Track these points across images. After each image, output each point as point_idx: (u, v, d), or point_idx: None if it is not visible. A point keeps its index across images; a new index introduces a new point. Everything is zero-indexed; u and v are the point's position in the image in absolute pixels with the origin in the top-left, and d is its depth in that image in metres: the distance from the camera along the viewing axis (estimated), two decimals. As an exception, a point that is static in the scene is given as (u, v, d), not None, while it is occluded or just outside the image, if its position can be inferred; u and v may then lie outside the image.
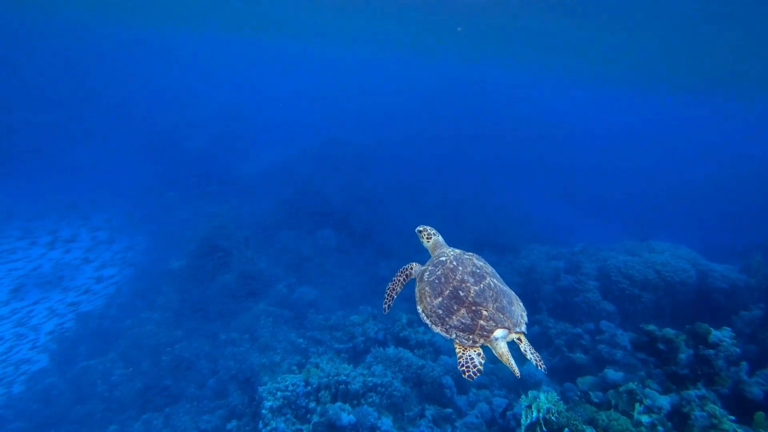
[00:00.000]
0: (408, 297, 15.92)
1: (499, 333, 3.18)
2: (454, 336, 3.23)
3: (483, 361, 3.14)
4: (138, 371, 11.32)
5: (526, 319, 3.43)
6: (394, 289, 3.98)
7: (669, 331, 7.56)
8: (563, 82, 58.57)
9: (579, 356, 11.25)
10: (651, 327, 7.76)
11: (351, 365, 10.18)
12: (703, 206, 28.70)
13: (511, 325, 3.23)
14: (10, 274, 18.52)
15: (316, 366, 9.48)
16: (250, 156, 29.96)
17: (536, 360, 3.32)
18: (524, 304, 3.44)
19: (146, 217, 22.57)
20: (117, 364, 11.48)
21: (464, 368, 3.13)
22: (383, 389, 9.20)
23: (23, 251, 19.81)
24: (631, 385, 6.89)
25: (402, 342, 11.23)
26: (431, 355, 11.21)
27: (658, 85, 43.83)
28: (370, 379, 9.16)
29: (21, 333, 15.36)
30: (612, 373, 8.36)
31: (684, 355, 7.16)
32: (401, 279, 3.99)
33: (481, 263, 3.66)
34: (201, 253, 14.39)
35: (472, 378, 3.08)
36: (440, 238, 4.20)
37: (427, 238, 4.19)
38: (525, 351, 3.33)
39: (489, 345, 3.22)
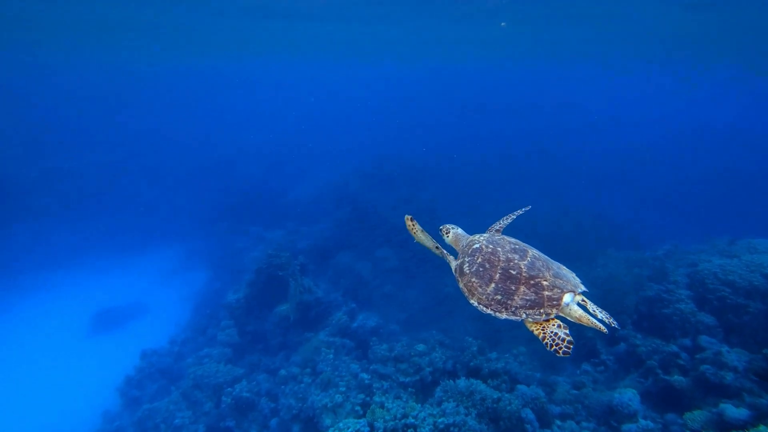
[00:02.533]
0: (477, 317, 15.00)
1: (567, 297, 3.08)
2: (524, 316, 3.09)
3: (568, 332, 2.97)
4: (200, 412, 11.05)
5: (579, 279, 3.32)
6: (421, 235, 3.97)
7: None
8: (627, 69, 55.50)
9: (678, 379, 9.79)
10: (780, 353, 6.40)
11: (419, 402, 9.35)
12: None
13: (573, 287, 3.13)
14: (80, 313, 19.20)
15: (382, 406, 8.73)
16: (302, 178, 30.03)
17: (607, 317, 3.09)
18: None
19: (204, 249, 22.88)
20: (179, 405, 11.26)
21: (555, 347, 2.94)
22: (456, 430, 8.29)
23: (90, 290, 20.57)
24: (764, 429, 5.61)
25: (473, 372, 10.26)
26: (507, 385, 10.16)
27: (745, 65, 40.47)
28: (441, 419, 8.27)
29: (92, 372, 15.76)
30: (732, 410, 7.01)
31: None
32: (434, 246, 3.88)
33: (515, 239, 3.61)
34: (257, 283, 14.10)
35: (568, 353, 2.88)
36: (459, 230, 4.13)
37: (446, 234, 4.13)
38: (594, 311, 3.12)
39: (562, 314, 3.11)
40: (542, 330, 3.06)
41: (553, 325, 3.06)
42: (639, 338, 11.73)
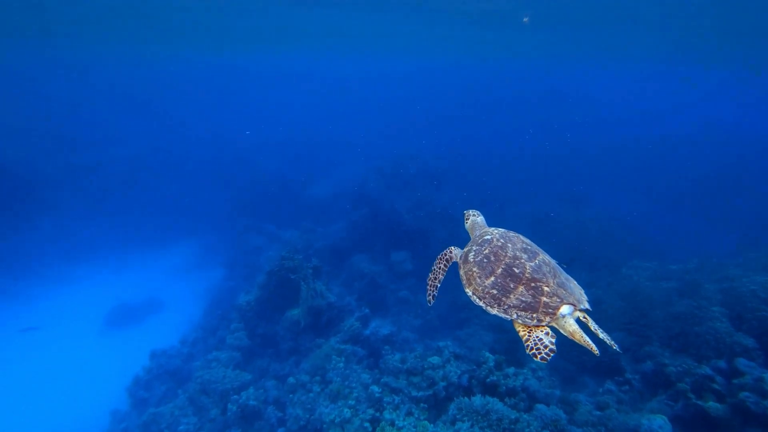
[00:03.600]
0: (494, 326, 14.43)
1: (565, 309, 2.97)
2: (514, 316, 3.01)
3: (554, 340, 2.88)
4: (206, 419, 10.75)
5: (586, 296, 3.18)
6: (436, 278, 3.90)
7: None
8: (652, 68, 53.73)
9: (713, 405, 9.07)
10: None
11: (431, 419, 8.86)
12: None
13: (575, 301, 3.01)
14: (98, 307, 19.22)
15: (392, 424, 8.27)
16: (321, 175, 29.73)
17: (608, 339, 2.96)
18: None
19: (221, 246, 22.76)
20: (185, 411, 10.97)
21: (534, 351, 2.87)
22: (471, 453, 7.79)
23: (109, 284, 20.60)
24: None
25: (490, 389, 9.72)
26: (525, 404, 9.59)
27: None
28: (454, 442, 7.79)
29: (105, 368, 15.70)
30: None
31: None
32: (441, 266, 3.87)
33: (529, 241, 3.51)
34: (269, 286, 13.76)
35: (546, 360, 2.81)
36: (480, 218, 4.13)
37: (466, 219, 4.15)
38: (596, 330, 3.01)
39: (556, 325, 3.00)
40: (528, 333, 2.98)
41: (542, 331, 2.96)
42: (667, 357, 11.04)
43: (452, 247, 3.91)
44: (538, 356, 2.84)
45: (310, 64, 70.20)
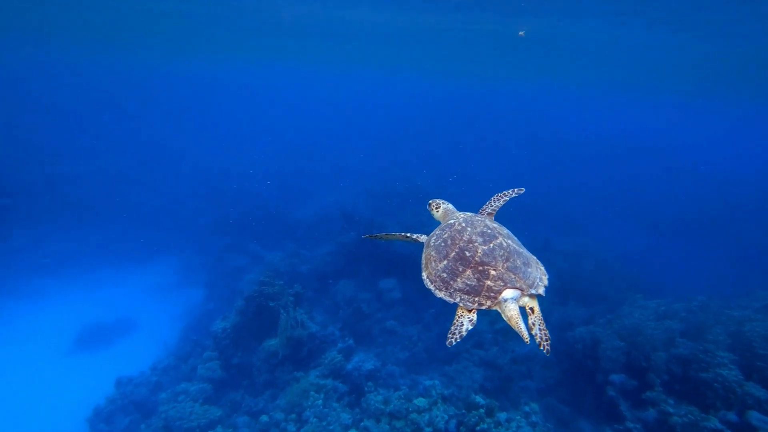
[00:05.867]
0: (485, 362, 13.58)
1: (509, 293, 2.90)
2: (458, 300, 2.98)
3: (471, 327, 2.91)
4: (168, 460, 9.76)
5: (546, 282, 3.09)
6: (387, 236, 3.89)
7: None
8: (658, 99, 53.96)
9: (723, 465, 8.29)
10: None
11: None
12: None
13: (524, 286, 2.93)
14: (67, 326, 18.12)
15: (370, 480, 7.37)
16: (310, 195, 28.94)
17: (542, 338, 2.86)
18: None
19: (202, 265, 21.74)
20: (145, 451, 9.99)
21: (450, 335, 2.90)
22: None
23: (81, 301, 19.54)
24: None
25: (480, 438, 8.85)
26: (518, 456, 8.74)
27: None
28: (439, 505, 6.89)
29: (70, 394, 14.58)
30: None
31: None
32: (404, 235, 3.82)
33: (495, 225, 3.45)
34: (247, 312, 12.84)
35: (452, 344, 2.85)
36: (450, 206, 4.08)
37: (436, 209, 4.06)
38: (533, 324, 2.91)
39: (498, 308, 2.92)
40: (460, 316, 2.97)
41: (467, 317, 2.95)
42: (671, 404, 10.21)
43: (418, 235, 3.85)
44: (448, 341, 2.87)
45: (303, 81, 70.07)
